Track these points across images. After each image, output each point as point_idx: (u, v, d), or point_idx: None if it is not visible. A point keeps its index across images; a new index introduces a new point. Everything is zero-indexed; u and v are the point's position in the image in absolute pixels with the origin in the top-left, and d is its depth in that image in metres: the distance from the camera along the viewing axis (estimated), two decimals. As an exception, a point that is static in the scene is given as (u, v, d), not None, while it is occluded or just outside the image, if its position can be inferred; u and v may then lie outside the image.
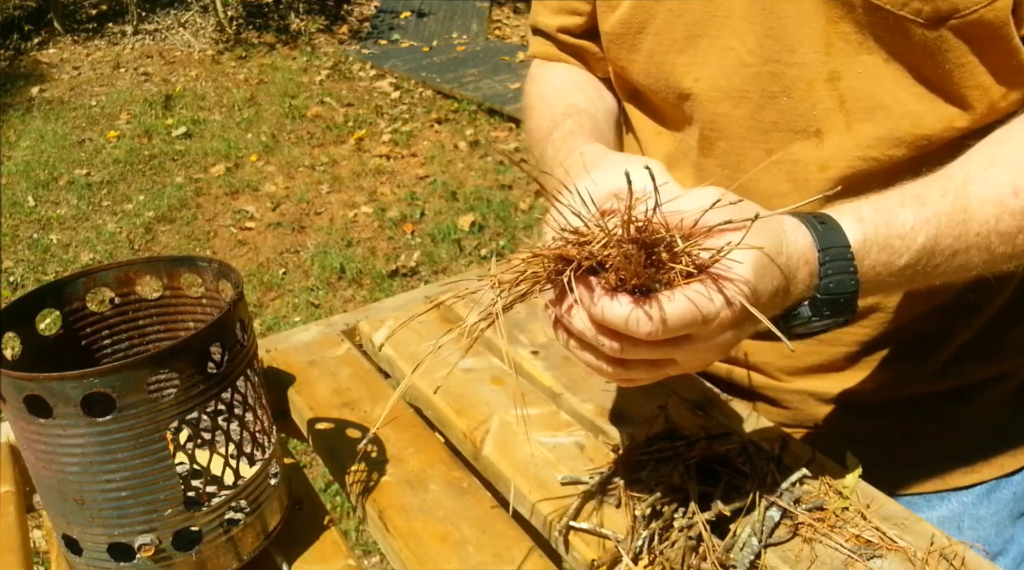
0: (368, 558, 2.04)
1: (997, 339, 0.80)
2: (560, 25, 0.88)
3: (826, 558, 0.65)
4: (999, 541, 0.84)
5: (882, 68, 0.67)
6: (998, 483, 0.83)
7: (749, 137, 0.74)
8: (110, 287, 0.76)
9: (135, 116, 5.05)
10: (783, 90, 0.70)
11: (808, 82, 0.69)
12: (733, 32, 0.71)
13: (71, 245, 3.67)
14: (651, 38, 0.76)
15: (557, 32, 0.88)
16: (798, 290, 0.55)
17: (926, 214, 0.59)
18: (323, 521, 0.76)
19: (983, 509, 0.83)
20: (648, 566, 0.64)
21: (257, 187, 4.08)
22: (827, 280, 0.56)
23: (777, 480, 0.71)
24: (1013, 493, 0.84)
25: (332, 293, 3.24)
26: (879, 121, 0.69)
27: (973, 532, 0.83)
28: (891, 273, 0.59)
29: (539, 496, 0.74)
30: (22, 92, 5.57)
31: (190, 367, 0.62)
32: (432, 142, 4.54)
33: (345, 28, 6.53)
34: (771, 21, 0.69)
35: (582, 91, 0.86)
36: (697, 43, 0.73)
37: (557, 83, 0.88)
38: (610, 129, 0.83)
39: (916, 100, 0.67)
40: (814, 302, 0.56)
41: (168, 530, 0.64)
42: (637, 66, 0.79)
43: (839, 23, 0.66)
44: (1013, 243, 0.61)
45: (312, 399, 0.91)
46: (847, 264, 0.56)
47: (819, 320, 0.57)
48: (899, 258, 0.58)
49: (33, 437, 0.61)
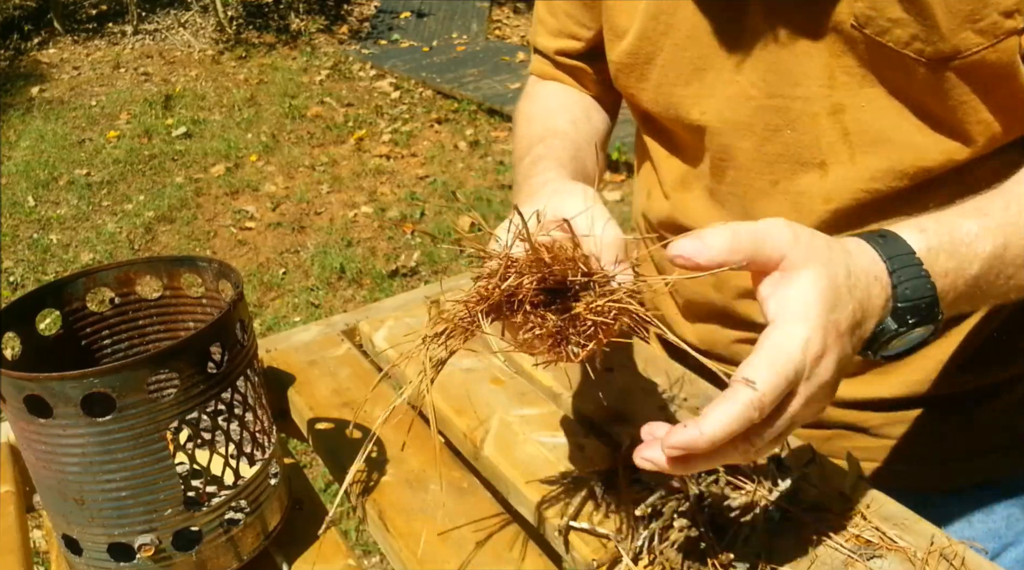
0: (368, 558, 2.04)
1: (1008, 345, 0.80)
2: (558, 48, 0.90)
3: (826, 558, 0.65)
4: (1010, 533, 0.84)
5: (885, 101, 0.67)
6: (1013, 478, 0.84)
7: (755, 168, 0.74)
8: (110, 287, 0.76)
9: (135, 116, 5.05)
10: (787, 123, 0.71)
11: (812, 115, 0.70)
12: (737, 66, 0.71)
13: (71, 245, 3.67)
14: (658, 70, 0.77)
15: (555, 54, 0.91)
16: (876, 307, 0.54)
17: (989, 224, 0.58)
18: (323, 521, 0.76)
19: (992, 501, 0.84)
20: (648, 566, 0.64)
21: (257, 187, 4.08)
22: (902, 287, 0.54)
23: (777, 480, 0.71)
24: (1021, 484, 0.84)
25: (332, 293, 3.24)
26: (882, 154, 0.69)
27: (983, 525, 0.83)
28: (965, 282, 0.57)
29: (539, 496, 0.74)
30: (22, 92, 5.57)
31: (190, 367, 0.62)
32: (432, 142, 4.54)
33: (345, 28, 6.54)
34: (775, 55, 0.69)
35: (569, 112, 0.87)
36: (703, 76, 0.74)
37: (547, 103, 0.90)
38: (590, 150, 0.84)
39: (919, 133, 0.67)
40: (896, 313, 0.55)
41: (168, 530, 0.64)
42: (646, 95, 0.80)
43: (842, 57, 0.66)
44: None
45: (312, 399, 0.91)
46: (917, 269, 0.55)
47: (906, 329, 0.55)
48: (970, 266, 0.57)
49: (33, 437, 0.61)
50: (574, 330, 0.54)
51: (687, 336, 0.90)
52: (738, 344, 0.85)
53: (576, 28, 0.88)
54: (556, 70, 0.93)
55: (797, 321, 0.49)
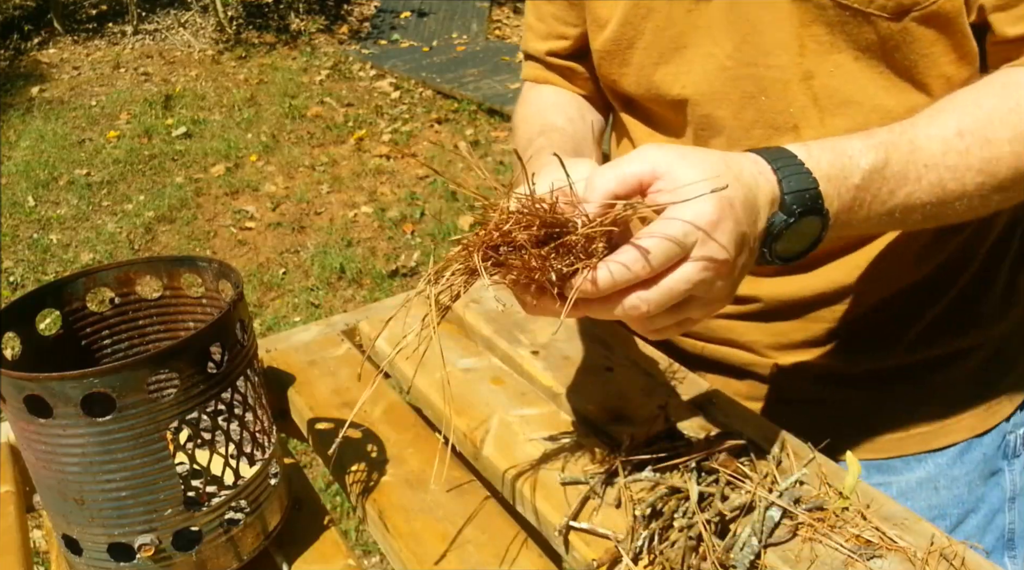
0: (368, 558, 2.04)
1: (963, 315, 0.85)
2: (548, 49, 0.95)
3: (826, 558, 0.65)
4: (972, 499, 0.89)
5: (852, 66, 0.72)
6: (970, 444, 0.88)
7: (733, 135, 0.78)
8: (110, 287, 0.76)
9: (135, 116, 5.05)
10: (761, 90, 0.76)
11: (784, 82, 0.74)
12: (714, 40, 0.76)
13: (71, 245, 3.67)
14: (640, 53, 0.82)
15: (546, 55, 0.95)
16: (765, 197, 0.58)
17: (872, 141, 0.63)
18: (323, 521, 0.76)
19: (957, 469, 0.88)
20: (648, 566, 0.64)
21: (257, 187, 4.08)
22: (786, 181, 0.59)
23: (777, 480, 0.71)
24: (983, 454, 0.88)
25: (332, 293, 3.24)
26: (850, 115, 0.74)
27: (948, 491, 0.88)
28: (848, 189, 0.61)
29: (539, 496, 0.74)
30: (22, 92, 5.57)
31: (190, 367, 0.62)
32: (432, 142, 4.54)
33: (345, 28, 6.54)
34: (747, 28, 0.74)
35: (563, 111, 0.92)
36: (682, 53, 0.79)
37: (542, 104, 0.95)
38: (588, 145, 0.88)
39: (883, 93, 0.72)
40: (783, 204, 0.59)
41: (168, 530, 0.64)
42: (628, 79, 0.85)
43: (811, 26, 0.71)
44: (963, 180, 0.65)
45: (312, 399, 0.91)
46: (799, 166, 0.59)
47: (795, 220, 0.59)
48: (852, 175, 0.61)
49: (33, 437, 0.61)
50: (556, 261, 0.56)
51: None
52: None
53: (563, 28, 0.92)
54: (548, 72, 0.97)
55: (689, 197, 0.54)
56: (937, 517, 0.88)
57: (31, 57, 6.19)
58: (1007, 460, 0.90)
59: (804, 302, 0.83)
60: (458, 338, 0.99)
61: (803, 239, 0.61)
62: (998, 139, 0.64)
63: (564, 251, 0.55)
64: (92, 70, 5.96)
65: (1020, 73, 0.68)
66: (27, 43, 6.36)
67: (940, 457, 0.87)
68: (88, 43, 6.41)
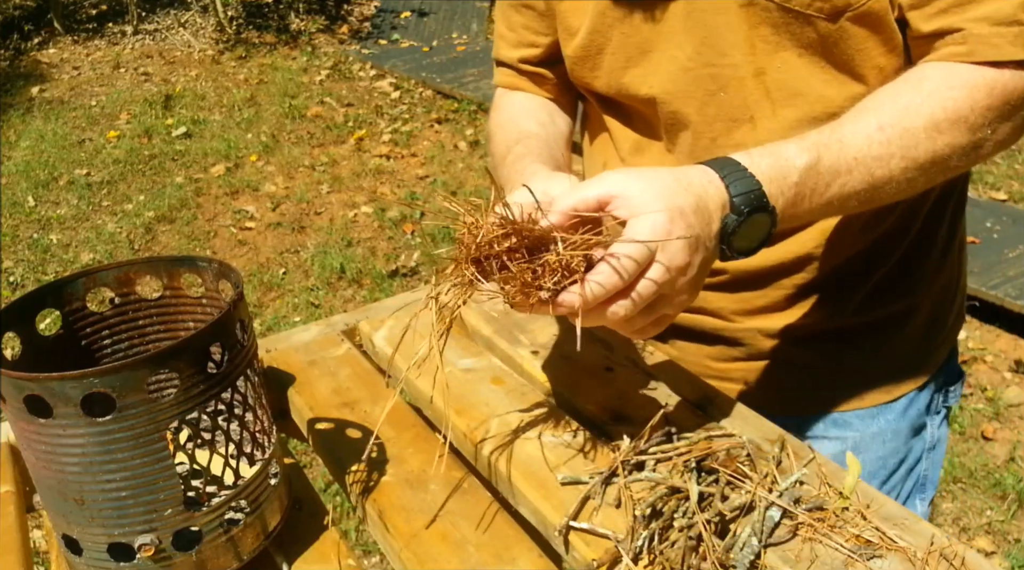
0: (368, 558, 2.04)
1: (905, 277, 0.95)
2: (520, 56, 1.01)
3: (826, 558, 0.65)
4: (904, 449, 1.00)
5: (797, 62, 0.81)
6: (911, 400, 0.98)
7: (698, 129, 0.87)
8: (110, 287, 0.76)
9: (135, 116, 5.05)
10: (720, 87, 0.84)
11: (739, 79, 0.83)
12: (676, 44, 0.84)
13: (71, 245, 3.67)
14: (609, 58, 0.90)
15: (518, 62, 1.02)
16: (716, 202, 0.66)
17: (806, 143, 0.71)
18: (323, 521, 0.76)
19: (900, 423, 0.99)
20: (648, 566, 0.64)
21: (257, 187, 4.08)
22: (733, 185, 0.67)
23: (777, 480, 0.71)
24: (918, 409, 1.00)
25: (332, 293, 3.24)
26: (799, 106, 0.82)
27: (892, 444, 0.99)
28: (789, 187, 0.69)
29: (539, 496, 0.74)
30: (22, 92, 5.57)
31: (190, 367, 0.62)
32: (432, 142, 4.54)
33: (345, 28, 6.54)
34: (705, 31, 0.82)
35: (535, 117, 0.99)
36: (648, 57, 0.87)
37: (513, 110, 1.01)
38: (559, 148, 0.96)
39: (825, 86, 0.81)
40: (733, 206, 0.67)
41: (168, 530, 0.64)
42: (600, 82, 0.93)
43: (759, 27, 0.80)
44: (888, 167, 0.73)
45: (312, 399, 0.91)
46: (743, 171, 0.67)
47: (745, 217, 0.66)
48: (790, 174, 0.69)
49: (33, 437, 0.61)
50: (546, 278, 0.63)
51: None
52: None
53: (533, 37, 0.99)
54: (520, 78, 1.03)
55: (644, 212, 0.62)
56: (880, 467, 0.99)
57: (31, 57, 6.19)
58: (929, 415, 1.01)
59: (765, 272, 0.92)
60: (458, 338, 0.99)
61: (756, 234, 0.68)
62: (914, 128, 0.72)
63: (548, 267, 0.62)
64: (92, 70, 5.97)
65: (931, 67, 0.76)
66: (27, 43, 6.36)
67: (889, 412, 0.98)
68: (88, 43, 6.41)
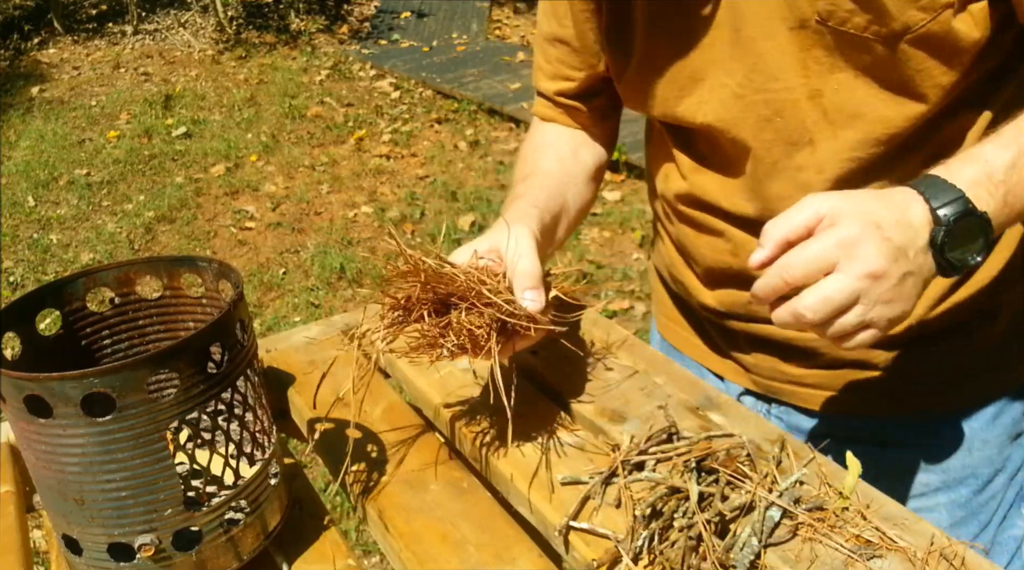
0: (368, 558, 2.04)
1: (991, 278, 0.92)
2: (556, 89, 1.02)
3: (826, 558, 0.65)
4: (1000, 459, 0.96)
5: (853, 82, 0.79)
6: (1001, 409, 0.94)
7: (756, 153, 0.85)
8: (110, 287, 0.76)
9: (135, 116, 5.05)
10: (775, 112, 0.83)
11: (794, 102, 0.81)
12: (726, 72, 0.84)
13: (71, 245, 3.67)
14: (661, 87, 0.89)
15: (554, 95, 1.03)
16: (919, 217, 0.67)
17: (1002, 140, 0.71)
18: (323, 521, 0.76)
19: (989, 432, 0.95)
20: (648, 566, 0.64)
21: (257, 187, 4.08)
22: (933, 198, 0.67)
23: (777, 480, 0.71)
24: (1012, 418, 0.96)
25: (332, 293, 3.24)
26: (858, 127, 0.80)
27: (980, 453, 0.95)
28: (996, 186, 0.68)
29: (539, 496, 0.74)
30: (22, 92, 5.57)
31: (190, 367, 0.62)
32: (432, 142, 4.54)
33: (345, 28, 6.54)
34: (753, 57, 0.81)
35: (557, 153, 1.01)
36: (699, 85, 0.86)
37: (538, 142, 1.04)
38: (574, 186, 0.99)
39: (884, 106, 0.79)
40: (938, 218, 0.67)
41: (168, 530, 0.64)
42: (655, 110, 0.92)
43: (811, 50, 0.78)
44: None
45: (312, 399, 0.91)
46: (942, 183, 0.67)
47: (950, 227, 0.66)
48: (995, 172, 0.69)
49: (33, 437, 0.61)
50: (450, 336, 0.69)
51: (708, 301, 0.98)
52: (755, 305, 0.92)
53: (568, 71, 0.99)
54: (555, 110, 1.04)
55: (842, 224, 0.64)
56: (969, 476, 0.95)
57: (31, 57, 6.19)
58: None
59: None
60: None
61: (970, 242, 0.68)
62: None
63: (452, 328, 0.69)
64: (92, 70, 5.97)
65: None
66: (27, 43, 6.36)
67: (976, 420, 0.94)
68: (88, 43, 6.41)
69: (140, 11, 6.62)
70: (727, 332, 0.98)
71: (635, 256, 3.31)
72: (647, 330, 1.26)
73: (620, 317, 2.91)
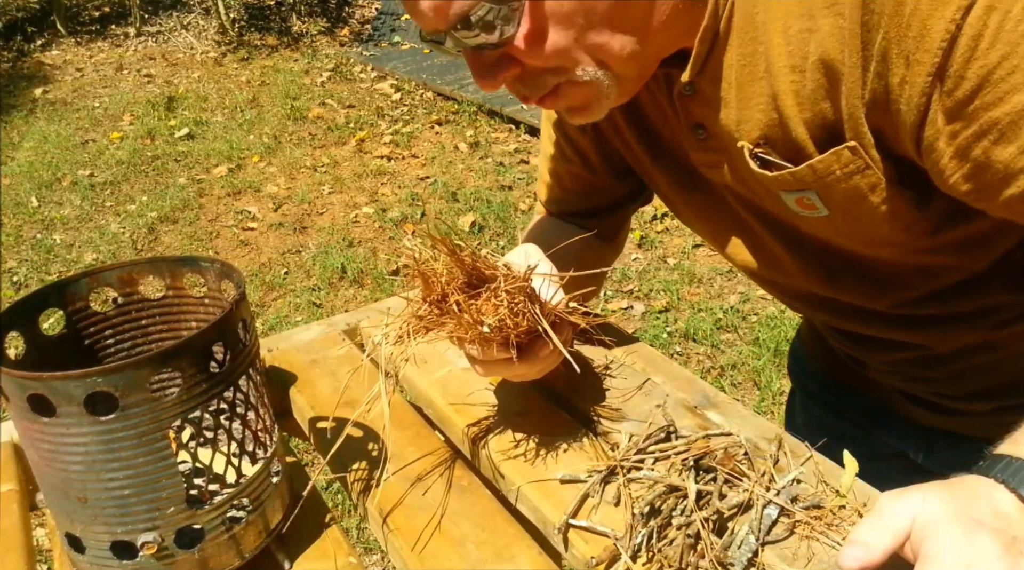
0: (369, 556, 2.04)
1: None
2: (557, 210, 1.04)
3: (823, 556, 0.65)
4: None
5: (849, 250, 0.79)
6: None
7: (798, 277, 0.85)
8: (113, 287, 0.77)
9: (138, 117, 5.06)
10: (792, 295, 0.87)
11: (823, 242, 0.79)
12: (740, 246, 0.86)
13: (74, 245, 3.68)
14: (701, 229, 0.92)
15: (557, 213, 1.03)
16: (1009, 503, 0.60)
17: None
18: (324, 519, 0.77)
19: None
20: (646, 564, 0.65)
21: (259, 188, 4.08)
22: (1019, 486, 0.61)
23: (774, 478, 0.71)
24: None
25: (333, 293, 3.25)
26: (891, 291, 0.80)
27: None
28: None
29: (538, 494, 0.74)
30: (25, 94, 5.58)
31: (192, 366, 0.62)
32: (432, 143, 4.54)
33: (346, 30, 6.54)
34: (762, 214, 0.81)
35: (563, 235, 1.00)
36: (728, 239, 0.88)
37: (543, 225, 1.04)
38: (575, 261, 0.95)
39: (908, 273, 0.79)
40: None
41: (171, 528, 0.65)
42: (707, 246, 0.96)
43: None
44: None
45: (313, 398, 0.91)
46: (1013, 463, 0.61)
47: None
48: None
49: (36, 436, 0.62)
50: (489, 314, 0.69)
51: None
52: None
53: (577, 201, 1.00)
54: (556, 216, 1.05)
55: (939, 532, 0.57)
56: None
57: (34, 59, 6.20)
58: None
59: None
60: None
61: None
62: None
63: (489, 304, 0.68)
64: (95, 72, 5.98)
65: None
66: (30, 45, 6.37)
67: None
68: (91, 45, 6.42)
69: (143, 13, 6.63)
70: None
71: (634, 256, 3.31)
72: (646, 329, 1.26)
73: (619, 317, 2.91)
